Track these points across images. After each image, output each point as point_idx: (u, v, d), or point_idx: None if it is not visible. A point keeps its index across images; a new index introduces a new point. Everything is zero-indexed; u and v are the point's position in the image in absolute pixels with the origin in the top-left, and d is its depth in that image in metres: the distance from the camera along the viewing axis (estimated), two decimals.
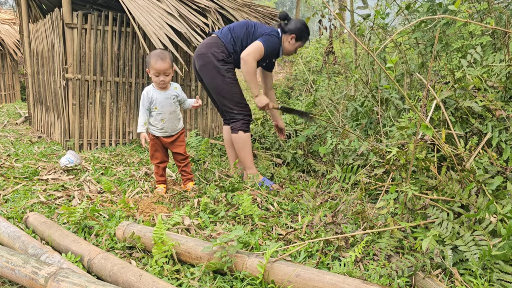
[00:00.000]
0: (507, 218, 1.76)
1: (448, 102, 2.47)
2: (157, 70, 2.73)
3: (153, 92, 2.85)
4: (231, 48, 3.09)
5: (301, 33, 3.12)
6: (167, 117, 2.91)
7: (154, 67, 2.72)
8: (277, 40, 3.10)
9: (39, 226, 2.17)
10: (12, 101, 9.82)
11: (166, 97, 2.88)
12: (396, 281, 1.68)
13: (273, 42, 3.06)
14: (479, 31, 2.68)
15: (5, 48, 9.29)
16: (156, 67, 2.71)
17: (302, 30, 3.11)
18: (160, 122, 2.90)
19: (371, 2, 4.10)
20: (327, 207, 2.62)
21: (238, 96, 3.11)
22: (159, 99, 2.85)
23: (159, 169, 3.02)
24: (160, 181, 3.03)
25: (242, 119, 3.11)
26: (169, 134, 2.97)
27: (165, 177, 3.07)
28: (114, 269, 1.68)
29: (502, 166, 2.06)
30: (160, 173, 3.03)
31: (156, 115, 2.88)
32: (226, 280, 1.76)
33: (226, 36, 3.11)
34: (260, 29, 3.13)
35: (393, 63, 1.77)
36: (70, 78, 4.37)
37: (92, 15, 4.35)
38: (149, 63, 2.75)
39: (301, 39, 3.15)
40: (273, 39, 3.07)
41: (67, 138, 4.50)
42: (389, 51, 4.56)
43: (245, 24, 3.16)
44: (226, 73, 3.07)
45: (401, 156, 2.04)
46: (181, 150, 3.03)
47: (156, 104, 2.86)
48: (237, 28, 3.13)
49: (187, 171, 3.10)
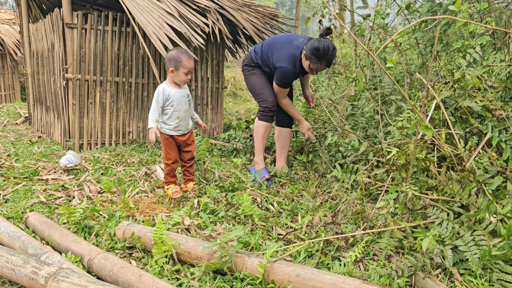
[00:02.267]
0: (507, 218, 1.76)
1: (448, 102, 2.47)
2: (189, 69, 2.80)
3: (169, 89, 2.85)
4: (255, 59, 3.45)
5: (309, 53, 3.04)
6: (183, 114, 2.94)
7: (187, 66, 2.78)
8: (288, 69, 3.16)
9: (39, 226, 2.17)
10: (12, 101, 9.82)
11: (182, 95, 2.91)
12: (396, 281, 1.68)
13: (284, 75, 3.19)
14: (479, 31, 2.68)
15: (5, 48, 9.29)
16: (188, 66, 2.78)
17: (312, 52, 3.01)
18: (176, 120, 2.91)
19: (371, 2, 4.10)
20: (327, 207, 2.62)
21: (255, 88, 3.43)
22: (176, 97, 2.87)
23: (172, 169, 3.00)
24: (172, 182, 3.01)
25: (260, 108, 3.43)
26: (183, 132, 2.99)
27: (176, 177, 3.07)
28: (114, 269, 1.68)
29: (502, 166, 2.06)
30: (172, 174, 3.01)
31: (172, 112, 2.88)
32: (226, 280, 1.76)
33: (256, 49, 3.47)
34: (276, 56, 3.24)
35: (393, 63, 1.77)
36: (70, 78, 4.38)
37: (92, 15, 4.35)
38: (179, 61, 2.76)
39: (309, 59, 3.04)
40: (283, 71, 3.18)
41: (67, 138, 4.50)
42: (389, 51, 4.56)
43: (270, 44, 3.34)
44: (246, 72, 3.49)
45: (401, 156, 2.04)
46: (191, 149, 3.07)
47: (173, 102, 2.86)
48: (265, 46, 3.39)
49: (191, 172, 3.11)
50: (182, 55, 2.77)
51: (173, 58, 2.77)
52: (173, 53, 2.78)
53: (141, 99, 4.78)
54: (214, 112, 5.27)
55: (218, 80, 5.22)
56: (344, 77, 5.62)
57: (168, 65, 2.80)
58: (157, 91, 2.83)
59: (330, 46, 2.97)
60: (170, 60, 2.79)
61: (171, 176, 3.01)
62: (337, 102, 4.64)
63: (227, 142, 4.62)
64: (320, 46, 2.95)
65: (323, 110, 4.55)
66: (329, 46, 2.97)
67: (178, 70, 2.79)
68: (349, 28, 5.62)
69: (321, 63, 3.01)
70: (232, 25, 4.75)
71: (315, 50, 2.96)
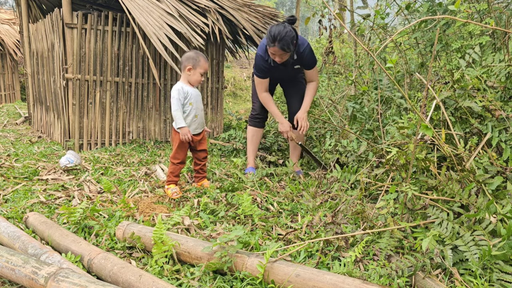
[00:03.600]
0: (507, 218, 1.76)
1: (447, 102, 2.47)
2: (205, 70, 2.90)
3: (186, 87, 2.89)
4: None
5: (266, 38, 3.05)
6: (200, 113, 2.99)
7: (204, 66, 2.88)
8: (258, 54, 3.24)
9: (39, 226, 2.17)
10: (12, 101, 9.82)
11: (197, 93, 2.98)
12: (396, 281, 1.68)
13: (255, 60, 3.30)
14: (478, 31, 2.68)
15: (5, 48, 9.29)
16: (205, 66, 2.89)
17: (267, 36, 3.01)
18: (194, 118, 2.94)
19: (371, 2, 4.10)
20: (327, 207, 2.62)
21: (252, 94, 3.64)
22: (193, 95, 2.92)
23: (177, 169, 3.00)
24: (174, 182, 3.01)
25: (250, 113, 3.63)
26: (199, 131, 3.03)
27: (179, 178, 3.08)
28: (114, 269, 1.68)
29: (502, 166, 2.06)
30: (176, 173, 3.00)
31: (190, 110, 2.91)
32: (226, 280, 1.76)
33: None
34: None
35: (393, 63, 1.77)
36: (70, 78, 4.37)
37: (92, 15, 4.35)
38: (198, 60, 2.84)
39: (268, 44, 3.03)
40: (255, 57, 3.31)
41: (67, 138, 4.50)
42: (389, 51, 4.56)
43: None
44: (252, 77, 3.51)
45: (401, 156, 2.04)
46: (205, 147, 3.12)
47: (191, 99, 2.90)
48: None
49: (204, 170, 3.17)
50: (200, 56, 2.87)
51: (191, 58, 2.85)
52: (191, 54, 2.86)
53: (141, 99, 4.78)
54: (214, 112, 5.28)
55: (218, 80, 5.22)
56: (344, 77, 5.62)
57: (186, 63, 2.85)
58: (175, 90, 2.84)
59: (282, 29, 2.91)
60: (189, 59, 2.84)
61: (174, 176, 3.00)
62: (337, 102, 4.64)
63: (227, 142, 4.62)
64: (273, 29, 2.94)
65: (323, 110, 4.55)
66: (282, 29, 2.91)
67: (196, 69, 2.86)
68: (349, 28, 5.62)
69: (273, 45, 2.94)
70: (232, 25, 4.75)
71: (269, 33, 2.96)
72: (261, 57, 3.22)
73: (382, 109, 3.29)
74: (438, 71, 3.33)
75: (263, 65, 3.23)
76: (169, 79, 4.87)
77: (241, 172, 3.40)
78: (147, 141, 4.82)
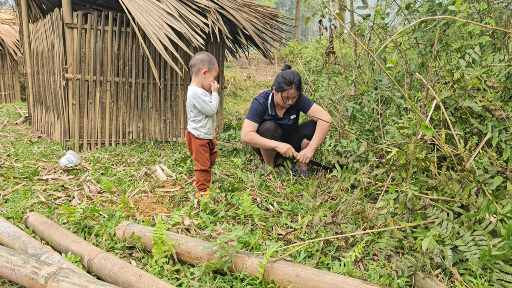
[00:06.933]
0: (507, 218, 1.76)
1: (447, 102, 2.47)
2: (218, 73, 2.86)
3: (202, 90, 2.77)
4: None
5: (277, 84, 3.28)
6: (215, 117, 2.95)
7: (217, 70, 2.83)
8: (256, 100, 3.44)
9: (39, 226, 2.17)
10: (12, 101, 9.82)
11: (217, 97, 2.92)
12: (396, 281, 1.68)
13: (252, 104, 3.43)
14: (478, 31, 2.68)
15: (5, 48, 9.29)
16: (218, 70, 2.84)
17: (279, 81, 3.26)
18: (212, 122, 2.89)
19: (371, 2, 4.10)
20: (327, 207, 2.62)
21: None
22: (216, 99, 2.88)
23: (210, 174, 2.93)
24: (207, 187, 2.90)
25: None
26: (214, 135, 2.99)
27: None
28: (114, 269, 1.68)
29: (502, 166, 2.06)
30: (209, 178, 2.92)
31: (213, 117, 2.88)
32: (226, 280, 1.76)
33: None
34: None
35: (393, 63, 1.77)
36: (70, 78, 4.37)
37: (92, 15, 4.35)
38: (213, 63, 2.75)
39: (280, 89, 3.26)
40: (252, 102, 3.46)
41: (67, 138, 4.50)
42: (389, 51, 4.56)
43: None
44: None
45: (401, 156, 2.04)
46: (216, 149, 3.10)
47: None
48: None
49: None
50: (214, 58, 2.80)
51: (206, 60, 2.73)
52: (205, 56, 2.74)
53: (141, 99, 4.78)
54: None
55: (218, 80, 5.22)
56: (344, 77, 5.63)
57: (201, 66, 2.71)
58: (193, 91, 2.72)
59: (294, 72, 3.25)
60: (203, 62, 2.72)
61: (208, 181, 2.91)
62: (337, 102, 4.64)
63: (227, 142, 4.62)
64: (285, 74, 3.25)
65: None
66: (293, 72, 3.24)
67: (211, 72, 2.76)
68: (349, 28, 5.63)
69: (291, 88, 3.21)
70: (232, 25, 4.75)
71: (282, 78, 3.23)
72: (259, 104, 3.39)
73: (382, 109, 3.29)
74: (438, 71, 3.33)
75: (260, 109, 3.39)
76: (169, 79, 4.87)
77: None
78: (147, 141, 4.82)
